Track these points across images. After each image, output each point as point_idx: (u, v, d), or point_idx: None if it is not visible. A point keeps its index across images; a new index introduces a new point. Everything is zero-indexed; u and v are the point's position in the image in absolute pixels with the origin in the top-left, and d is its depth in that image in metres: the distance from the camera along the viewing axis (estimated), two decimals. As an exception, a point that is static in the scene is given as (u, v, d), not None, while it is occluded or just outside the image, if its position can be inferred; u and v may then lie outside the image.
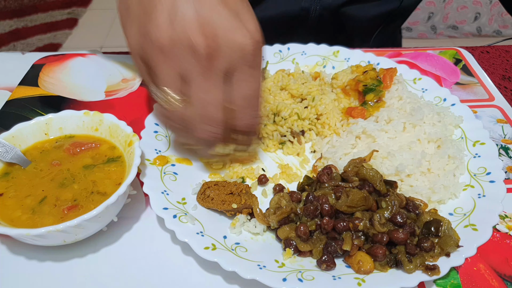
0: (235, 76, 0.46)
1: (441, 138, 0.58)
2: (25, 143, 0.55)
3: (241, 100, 0.47)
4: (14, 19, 2.72)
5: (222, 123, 0.47)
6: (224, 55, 0.44)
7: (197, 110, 0.46)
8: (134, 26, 0.47)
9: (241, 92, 0.47)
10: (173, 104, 0.47)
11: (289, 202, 0.50)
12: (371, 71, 0.65)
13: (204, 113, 0.46)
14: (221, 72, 0.45)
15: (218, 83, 0.45)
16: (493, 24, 2.58)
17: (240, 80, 0.46)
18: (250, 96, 0.47)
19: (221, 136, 0.49)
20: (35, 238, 0.44)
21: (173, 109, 0.47)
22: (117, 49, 0.87)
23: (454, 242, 0.46)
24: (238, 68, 0.45)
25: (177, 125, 0.49)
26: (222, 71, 0.45)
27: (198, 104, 0.46)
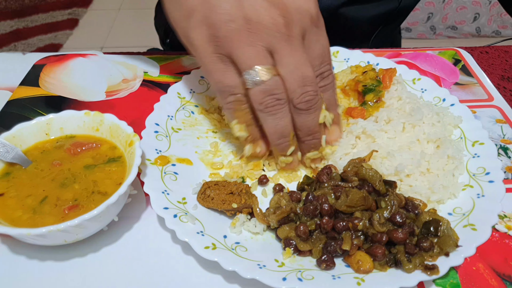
0: (308, 38, 0.50)
1: (441, 138, 0.58)
2: (26, 143, 0.55)
3: (317, 58, 0.51)
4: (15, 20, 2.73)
5: (315, 80, 0.50)
6: (297, 21, 0.48)
7: (292, 73, 0.48)
8: (200, 23, 0.48)
9: (315, 51, 0.51)
10: (268, 76, 0.48)
11: (289, 202, 0.50)
12: (371, 72, 0.65)
13: (299, 74, 0.49)
14: (299, 35, 0.48)
15: (300, 46, 0.49)
16: (492, 24, 2.58)
17: (312, 41, 0.50)
18: (323, 52, 0.52)
19: (318, 96, 0.51)
20: (36, 238, 0.44)
21: (269, 81, 0.48)
22: (118, 49, 0.87)
23: (453, 242, 0.46)
24: (309, 30, 0.49)
25: (279, 97, 0.49)
26: (300, 34, 0.48)
27: (291, 68, 0.48)
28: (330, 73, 0.53)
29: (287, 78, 0.49)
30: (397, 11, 0.92)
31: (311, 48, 0.50)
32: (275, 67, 0.48)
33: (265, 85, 0.48)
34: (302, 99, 0.50)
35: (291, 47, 0.48)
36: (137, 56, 0.80)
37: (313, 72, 0.50)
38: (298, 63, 0.48)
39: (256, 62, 0.47)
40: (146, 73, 0.76)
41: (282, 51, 0.48)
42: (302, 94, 0.49)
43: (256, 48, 0.47)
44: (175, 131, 0.62)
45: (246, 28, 0.46)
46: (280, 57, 0.48)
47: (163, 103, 0.64)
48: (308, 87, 0.49)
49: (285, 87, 0.49)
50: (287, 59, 0.48)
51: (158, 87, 0.73)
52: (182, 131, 0.63)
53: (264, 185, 0.57)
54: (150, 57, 0.80)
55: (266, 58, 0.48)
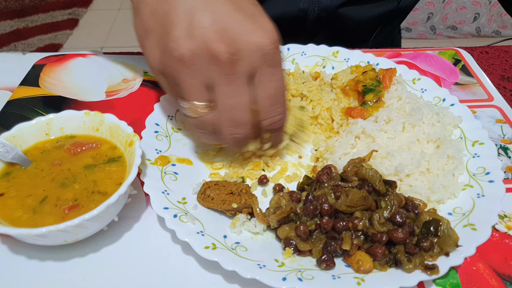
0: (258, 77, 0.46)
1: (440, 138, 0.58)
2: (26, 143, 0.55)
3: (266, 99, 0.48)
4: (15, 20, 2.73)
5: (248, 124, 0.49)
6: (245, 58, 0.44)
7: (224, 115, 0.47)
8: (153, 44, 0.48)
9: (265, 92, 0.47)
10: (200, 113, 0.48)
11: (289, 202, 0.50)
12: (371, 72, 0.65)
13: (231, 117, 0.47)
14: (244, 75, 0.45)
15: (242, 87, 0.46)
16: (492, 24, 2.58)
17: (263, 81, 0.47)
18: (275, 94, 0.48)
19: (248, 137, 0.50)
20: (36, 238, 0.44)
21: (200, 117, 0.48)
22: (118, 49, 0.87)
23: (454, 241, 0.46)
24: (260, 69, 0.46)
25: (206, 132, 0.50)
26: (245, 74, 0.45)
27: (225, 109, 0.47)
28: (279, 116, 0.50)
29: (220, 116, 0.48)
30: (396, 12, 0.92)
31: (261, 87, 0.47)
32: (210, 102, 0.47)
33: (195, 120, 0.49)
34: (228, 138, 0.50)
35: (230, 86, 0.46)
36: (137, 56, 0.80)
37: (247, 116, 0.48)
38: (232, 106, 0.47)
39: (191, 97, 0.47)
40: (146, 73, 0.76)
41: (220, 90, 0.46)
42: (230, 135, 0.49)
43: (194, 82, 0.46)
44: (175, 131, 0.62)
45: (189, 60, 0.44)
46: (217, 96, 0.47)
47: (163, 103, 0.64)
48: (239, 129, 0.48)
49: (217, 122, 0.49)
50: (223, 100, 0.46)
51: (158, 87, 0.73)
52: (182, 131, 0.63)
53: (264, 185, 0.57)
54: (150, 57, 0.80)
55: (202, 94, 0.47)
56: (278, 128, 0.52)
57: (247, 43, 0.44)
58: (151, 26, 0.47)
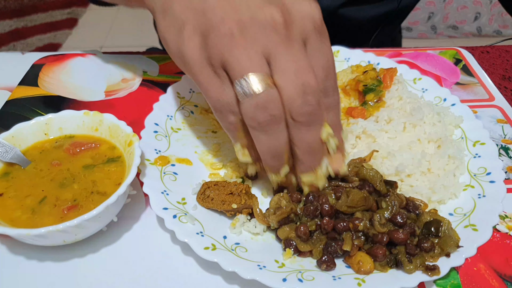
0: (311, 46, 0.43)
1: (441, 138, 0.58)
2: (25, 143, 0.55)
3: (320, 70, 0.44)
4: (14, 19, 2.73)
5: (319, 91, 0.42)
6: (298, 23, 0.42)
7: (292, 82, 0.41)
8: (192, 33, 0.43)
9: (319, 63, 0.44)
10: (263, 87, 0.40)
11: (289, 202, 0.50)
12: (371, 71, 0.65)
13: (300, 82, 0.41)
14: (300, 40, 0.42)
15: (301, 50, 0.42)
16: (493, 24, 2.58)
17: (315, 50, 0.43)
18: (328, 65, 0.44)
19: (321, 109, 0.43)
20: (35, 238, 0.44)
21: (264, 93, 0.40)
22: (117, 49, 0.87)
23: (454, 242, 0.46)
24: (312, 36, 0.43)
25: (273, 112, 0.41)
26: (300, 39, 0.42)
27: (292, 75, 0.41)
28: (335, 90, 0.45)
29: (285, 86, 0.41)
30: (397, 12, 0.91)
31: (314, 57, 0.43)
32: (270, 76, 0.41)
33: (257, 98, 0.40)
34: (302, 110, 0.41)
35: (291, 50, 0.41)
36: (136, 56, 0.80)
37: (316, 80, 0.42)
38: (299, 69, 0.41)
39: (248, 69, 0.40)
40: (146, 72, 0.76)
41: (280, 55, 0.41)
42: (302, 104, 0.41)
43: (250, 53, 0.40)
44: (175, 131, 0.62)
45: (239, 30, 0.40)
46: (277, 62, 0.41)
47: (163, 103, 0.64)
48: (310, 96, 0.41)
49: (283, 98, 0.41)
50: (286, 65, 0.41)
51: (157, 87, 0.73)
52: (181, 131, 0.62)
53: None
54: (149, 57, 0.80)
55: (261, 64, 0.41)
56: (334, 103, 0.46)
57: (297, 9, 0.42)
58: (184, 17, 0.43)
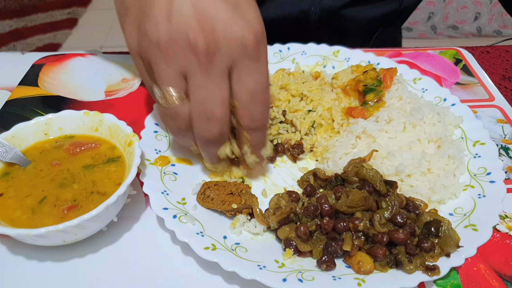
0: (238, 71, 0.44)
1: (441, 138, 0.58)
2: (25, 143, 0.55)
3: (246, 95, 0.45)
4: (14, 19, 2.73)
5: (223, 120, 0.45)
6: (224, 50, 0.42)
7: (198, 107, 0.45)
8: (132, 24, 0.46)
9: (245, 87, 0.45)
10: (172, 102, 0.45)
11: (288, 202, 0.50)
12: (371, 71, 0.65)
13: (204, 110, 0.44)
14: (222, 68, 0.43)
15: (219, 80, 0.44)
16: (493, 24, 2.58)
17: (243, 75, 0.44)
18: (256, 90, 0.45)
19: (223, 136, 0.47)
20: (35, 238, 0.44)
21: (172, 107, 0.45)
22: (117, 49, 0.87)
23: (454, 242, 0.46)
24: (240, 62, 0.44)
25: (177, 125, 0.47)
26: (224, 67, 0.43)
27: (197, 101, 0.44)
28: (262, 112, 0.47)
29: (192, 110, 0.45)
30: (398, 12, 0.91)
31: (240, 82, 0.44)
32: (185, 93, 0.45)
33: (167, 110, 0.46)
34: (201, 135, 0.46)
35: (205, 78, 0.43)
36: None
37: (222, 111, 0.45)
38: (205, 98, 0.44)
39: (166, 83, 0.44)
40: (146, 72, 0.76)
41: (195, 80, 0.43)
42: (204, 131, 0.46)
43: (169, 69, 0.44)
44: (175, 131, 0.62)
45: (166, 45, 0.42)
46: (191, 86, 0.44)
47: (163, 103, 0.64)
48: (212, 125, 0.45)
49: (190, 116, 0.46)
50: (197, 91, 0.44)
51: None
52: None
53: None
54: (149, 57, 0.80)
55: (177, 81, 0.44)
56: (258, 127, 0.48)
57: (228, 35, 0.42)
58: (131, 5, 0.46)
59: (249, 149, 0.50)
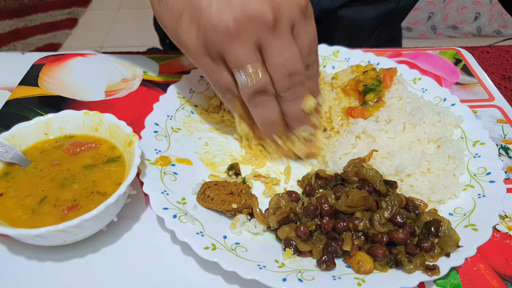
0: (297, 29, 0.49)
1: (441, 138, 0.58)
2: (25, 143, 0.55)
3: (305, 48, 0.50)
4: (14, 19, 2.73)
5: (303, 72, 0.50)
6: (286, 13, 0.47)
7: (281, 70, 0.48)
8: (189, 25, 0.48)
9: (304, 42, 0.50)
10: (257, 77, 0.48)
11: (288, 202, 0.50)
12: (371, 71, 0.65)
13: (287, 69, 0.49)
14: (288, 29, 0.48)
15: (289, 39, 0.48)
16: (493, 24, 2.58)
17: (302, 32, 0.50)
18: (311, 44, 0.51)
19: (306, 85, 0.52)
20: (35, 238, 0.44)
21: (260, 81, 0.49)
22: (117, 49, 0.87)
23: (454, 242, 0.46)
24: (298, 21, 0.49)
25: (268, 95, 0.50)
26: (288, 28, 0.48)
27: (279, 65, 0.48)
28: (315, 62, 0.54)
29: (275, 74, 0.49)
30: (396, 11, 0.92)
31: (299, 39, 0.50)
32: (263, 64, 0.49)
33: (253, 85, 0.49)
34: (287, 89, 0.50)
35: (280, 42, 0.48)
36: (136, 56, 0.80)
37: (301, 66, 0.50)
38: (286, 60, 0.48)
39: (244, 62, 0.48)
40: (146, 72, 0.76)
41: (271, 47, 0.48)
42: (288, 86, 0.50)
43: (245, 47, 0.47)
44: (175, 131, 0.62)
45: (235, 26, 0.45)
46: (269, 53, 0.48)
47: (163, 102, 0.64)
48: (295, 77, 0.50)
49: (273, 81, 0.50)
50: (275, 56, 0.48)
51: (157, 87, 0.73)
52: (181, 131, 0.62)
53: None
54: (149, 57, 0.80)
55: (255, 56, 0.48)
56: (315, 73, 0.54)
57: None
58: (180, 7, 0.48)
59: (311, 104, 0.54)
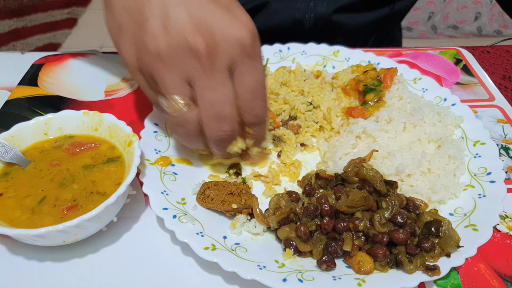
0: (238, 70, 0.46)
1: (442, 138, 0.58)
2: (25, 143, 0.54)
3: (247, 93, 0.47)
4: (14, 19, 2.72)
5: (233, 118, 0.47)
6: (224, 51, 0.44)
7: (208, 110, 0.46)
8: (128, 42, 0.47)
9: (246, 85, 0.46)
10: (181, 109, 0.46)
11: (288, 202, 0.50)
12: (372, 71, 0.65)
13: (215, 112, 0.46)
14: (224, 68, 0.45)
15: (223, 80, 0.45)
16: (494, 24, 2.58)
17: (243, 74, 0.46)
18: (255, 87, 0.47)
19: (234, 133, 0.49)
20: (35, 238, 0.44)
21: (181, 114, 0.46)
22: (117, 48, 0.87)
23: (455, 242, 0.46)
24: (239, 61, 0.45)
25: (187, 131, 0.48)
26: (225, 67, 0.45)
27: (208, 104, 0.45)
28: (262, 108, 0.49)
29: (203, 113, 0.46)
30: (391, 16, 0.92)
31: (241, 80, 0.46)
32: (191, 98, 0.46)
33: (176, 118, 0.47)
34: (213, 135, 0.47)
35: (211, 80, 0.44)
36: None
37: (231, 111, 0.46)
38: (215, 101, 0.45)
39: (171, 92, 0.45)
40: (146, 72, 0.76)
41: (201, 84, 0.45)
42: (215, 131, 0.47)
43: (173, 77, 0.45)
44: (175, 131, 0.62)
45: (167, 53, 0.43)
46: (198, 90, 0.45)
47: (163, 102, 0.64)
48: (224, 125, 0.47)
49: (201, 120, 0.47)
50: (204, 94, 0.45)
51: (157, 87, 0.73)
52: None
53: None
54: (149, 57, 0.80)
55: (182, 88, 0.45)
56: (260, 121, 0.50)
57: (226, 35, 0.43)
58: (125, 23, 0.46)
59: (251, 141, 0.52)
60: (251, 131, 0.51)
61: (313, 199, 0.51)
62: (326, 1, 0.85)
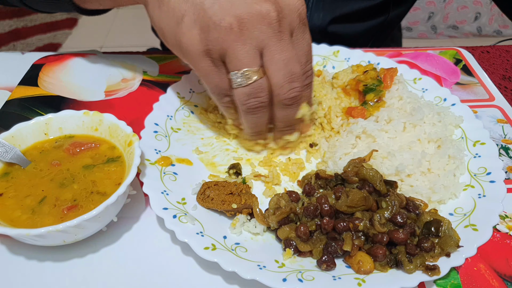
0: (296, 35, 0.50)
1: (441, 138, 0.58)
2: (25, 143, 0.55)
3: (303, 55, 0.51)
4: (14, 19, 2.73)
5: (302, 76, 0.51)
6: (287, 16, 0.48)
7: (280, 70, 0.48)
8: (189, 26, 0.48)
9: (302, 48, 0.51)
10: (255, 78, 0.48)
11: (288, 202, 0.50)
12: (372, 71, 0.65)
13: (287, 70, 0.49)
14: (288, 32, 0.48)
15: (289, 42, 0.49)
16: (494, 24, 2.58)
17: (300, 38, 0.50)
18: (308, 50, 0.52)
19: (303, 92, 0.52)
20: (35, 238, 0.44)
21: (257, 83, 0.49)
22: (117, 49, 0.87)
23: (454, 242, 0.46)
24: (297, 27, 0.49)
25: (261, 100, 0.50)
26: (289, 31, 0.48)
27: (281, 64, 0.48)
28: (312, 71, 0.54)
29: (276, 75, 0.49)
30: (387, 23, 0.92)
31: (298, 45, 0.50)
32: (262, 67, 0.49)
33: (249, 88, 0.49)
34: (288, 95, 0.50)
35: (281, 43, 0.48)
36: (136, 56, 0.80)
37: (300, 69, 0.50)
38: (287, 60, 0.49)
39: (245, 64, 0.48)
40: (146, 72, 0.76)
41: (273, 47, 0.48)
42: (290, 90, 0.50)
43: (247, 48, 0.47)
44: (175, 131, 0.62)
45: (238, 25, 0.46)
46: (270, 54, 0.48)
47: (163, 102, 0.64)
48: (296, 83, 0.50)
49: (272, 85, 0.50)
50: (277, 56, 0.48)
51: (157, 87, 0.73)
52: (181, 131, 0.62)
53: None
54: (149, 57, 0.80)
55: (256, 58, 0.48)
56: (311, 82, 0.54)
57: (288, 4, 0.48)
58: (183, 9, 0.48)
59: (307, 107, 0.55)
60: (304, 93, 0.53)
61: (313, 199, 0.51)
62: (322, 13, 0.86)
